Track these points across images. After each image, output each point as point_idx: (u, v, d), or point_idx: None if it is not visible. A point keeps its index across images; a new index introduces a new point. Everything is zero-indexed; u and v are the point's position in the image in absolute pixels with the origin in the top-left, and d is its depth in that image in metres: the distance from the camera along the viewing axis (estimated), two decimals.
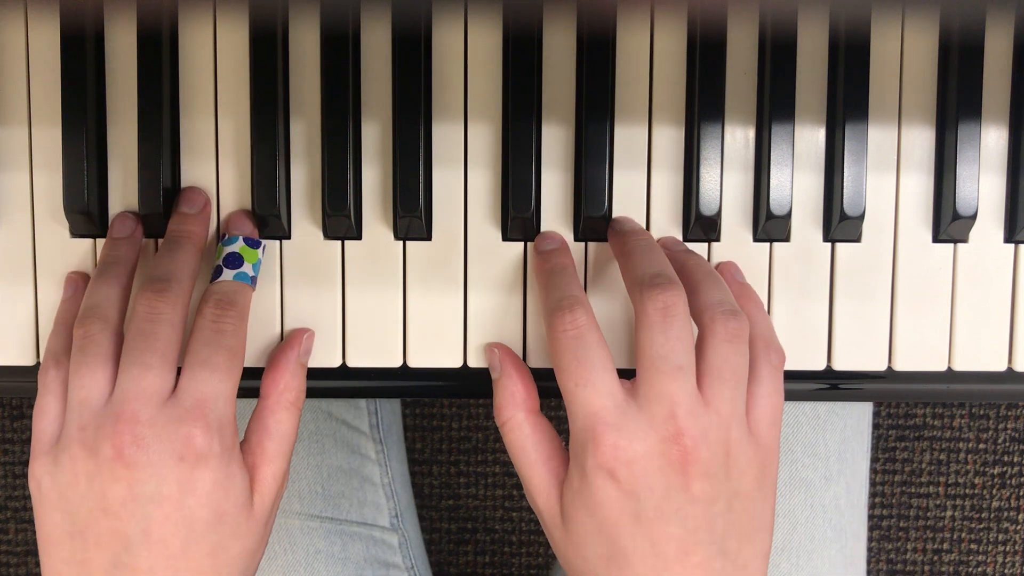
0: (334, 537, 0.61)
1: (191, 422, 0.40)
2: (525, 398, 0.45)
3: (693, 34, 0.46)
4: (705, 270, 0.45)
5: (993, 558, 1.22)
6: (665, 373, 0.41)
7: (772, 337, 0.45)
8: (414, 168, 0.45)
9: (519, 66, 0.46)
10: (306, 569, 0.60)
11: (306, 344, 0.46)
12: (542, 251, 0.46)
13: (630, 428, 0.41)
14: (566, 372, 0.42)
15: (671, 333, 0.41)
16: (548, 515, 0.44)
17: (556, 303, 0.43)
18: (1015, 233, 0.48)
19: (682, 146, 0.47)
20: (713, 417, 0.41)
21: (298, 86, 0.46)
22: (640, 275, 0.43)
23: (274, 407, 0.45)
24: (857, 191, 0.46)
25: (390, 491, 0.65)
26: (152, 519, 0.40)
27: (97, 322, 0.42)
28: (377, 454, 0.64)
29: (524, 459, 0.44)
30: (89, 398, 0.41)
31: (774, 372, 0.44)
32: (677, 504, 0.41)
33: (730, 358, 0.42)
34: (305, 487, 0.60)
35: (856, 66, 0.46)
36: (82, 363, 0.42)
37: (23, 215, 0.47)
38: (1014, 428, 1.19)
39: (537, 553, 1.20)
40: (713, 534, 0.41)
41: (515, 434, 0.45)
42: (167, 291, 0.42)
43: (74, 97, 0.45)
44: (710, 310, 0.43)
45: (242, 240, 0.45)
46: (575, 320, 0.42)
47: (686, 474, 0.41)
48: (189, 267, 0.44)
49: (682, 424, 0.41)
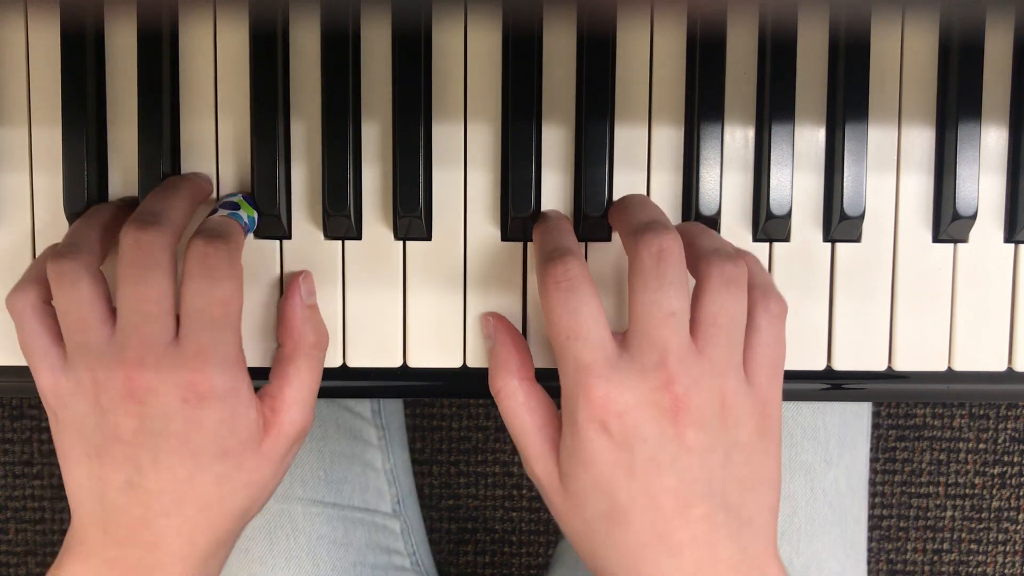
0: (336, 523, 0.61)
1: (192, 368, 0.41)
2: (519, 365, 0.44)
3: (693, 34, 0.46)
4: (701, 227, 0.45)
5: (993, 558, 1.22)
6: (657, 319, 0.40)
7: (771, 286, 0.44)
8: (414, 168, 0.45)
9: (519, 66, 0.46)
10: (308, 554, 0.60)
11: (306, 285, 0.46)
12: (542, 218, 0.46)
13: (620, 378, 0.40)
14: (557, 325, 0.41)
15: (665, 278, 0.40)
16: (546, 481, 0.43)
17: (548, 254, 0.42)
18: (1015, 233, 0.48)
19: (682, 146, 0.47)
20: (706, 365, 0.41)
21: (298, 86, 0.46)
22: (635, 223, 0.42)
23: (292, 354, 0.45)
24: (857, 191, 0.46)
25: (392, 477, 0.65)
26: (160, 450, 0.42)
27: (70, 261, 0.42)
28: (379, 440, 0.64)
29: (519, 426, 0.44)
30: (88, 341, 0.41)
31: (773, 321, 0.43)
32: (671, 454, 0.40)
33: (726, 304, 0.41)
34: (307, 472, 0.60)
35: (856, 66, 0.46)
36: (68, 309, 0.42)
37: (23, 215, 0.47)
38: (1014, 428, 1.19)
39: (537, 553, 1.20)
40: (711, 486, 0.41)
41: (509, 401, 0.44)
42: (155, 225, 0.41)
43: (74, 97, 0.45)
44: (707, 256, 0.42)
45: (242, 195, 0.45)
46: (568, 271, 0.41)
47: (678, 422, 0.40)
48: (181, 207, 0.43)
49: (673, 371, 0.40)
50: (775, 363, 0.43)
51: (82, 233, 0.43)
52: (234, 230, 0.43)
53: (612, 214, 0.46)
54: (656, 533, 0.40)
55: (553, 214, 0.46)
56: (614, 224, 0.46)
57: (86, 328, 0.42)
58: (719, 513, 0.41)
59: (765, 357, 0.42)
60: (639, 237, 0.41)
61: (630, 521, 0.41)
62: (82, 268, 0.42)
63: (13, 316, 0.43)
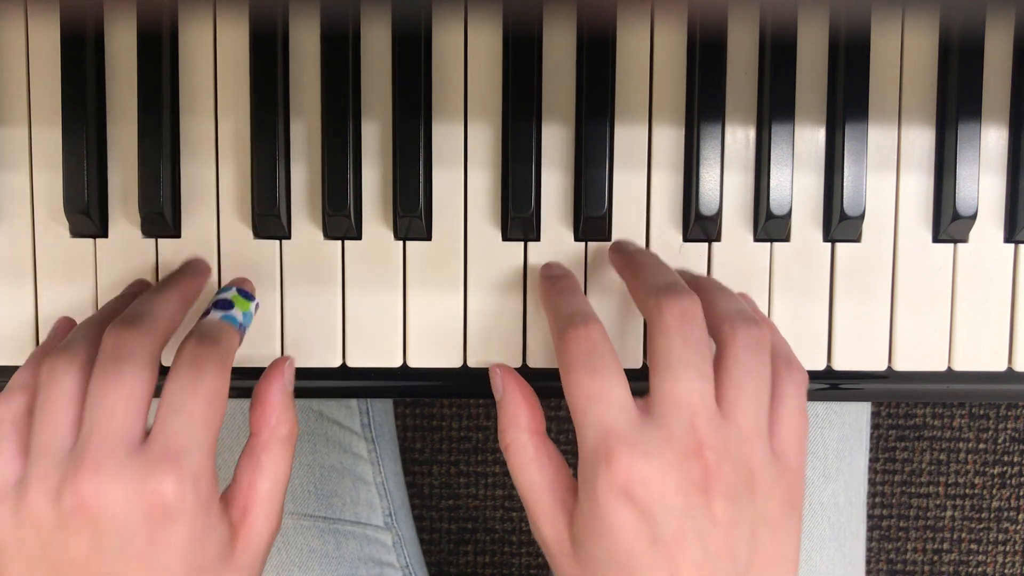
0: (328, 536, 0.61)
1: (161, 474, 0.37)
2: (529, 419, 0.43)
3: (693, 34, 0.46)
4: (718, 285, 0.44)
5: (993, 558, 1.22)
6: (685, 380, 0.38)
7: (792, 356, 0.43)
8: (414, 168, 0.45)
9: (519, 66, 0.46)
10: (300, 568, 0.60)
11: (289, 373, 0.43)
12: (549, 276, 0.45)
13: (646, 444, 0.38)
14: (576, 385, 0.40)
15: (690, 339, 0.39)
16: (555, 544, 0.41)
17: (568, 318, 0.41)
18: (1015, 233, 0.48)
19: (682, 146, 0.47)
20: (734, 432, 0.39)
21: (298, 86, 0.46)
22: (654, 284, 0.41)
23: (268, 443, 0.42)
24: (857, 191, 0.46)
25: (383, 490, 0.65)
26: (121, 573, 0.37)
27: (63, 357, 0.39)
28: (369, 453, 0.64)
29: (528, 483, 0.42)
30: (51, 443, 0.38)
31: (796, 391, 0.41)
32: (698, 526, 0.38)
33: (752, 368, 0.40)
34: (298, 486, 0.60)
35: (856, 66, 0.46)
36: (44, 404, 0.38)
37: (23, 215, 0.47)
38: (1014, 428, 1.19)
39: (537, 553, 1.20)
40: (735, 563, 0.38)
41: (518, 457, 0.42)
42: (135, 326, 0.39)
43: (74, 97, 0.45)
44: (729, 319, 0.41)
45: (235, 289, 0.44)
46: (589, 334, 0.40)
47: (708, 493, 0.38)
48: (169, 309, 0.41)
49: (703, 436, 0.38)
50: (801, 435, 0.41)
51: (81, 332, 0.41)
52: (227, 335, 0.41)
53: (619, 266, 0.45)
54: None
55: (558, 271, 0.46)
56: (622, 275, 0.45)
57: (53, 427, 0.38)
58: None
59: (792, 428, 0.41)
60: (662, 299, 0.40)
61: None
62: (73, 364, 0.39)
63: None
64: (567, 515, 0.41)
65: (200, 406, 0.38)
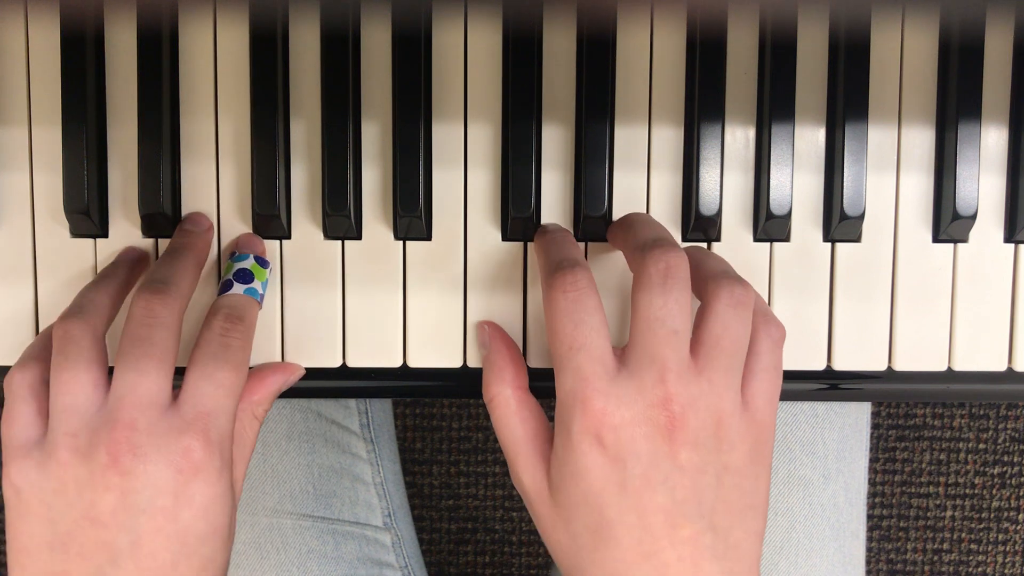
0: (326, 536, 0.61)
1: (192, 434, 0.39)
2: (513, 375, 0.45)
3: (693, 34, 0.46)
4: (706, 250, 0.45)
5: (993, 558, 1.22)
6: (660, 336, 0.40)
7: (771, 312, 0.44)
8: (414, 168, 0.45)
9: (519, 66, 0.46)
10: (299, 568, 0.60)
11: (293, 378, 0.46)
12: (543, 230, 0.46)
13: (618, 393, 0.40)
14: (560, 335, 0.41)
15: (671, 295, 0.40)
16: (534, 492, 0.43)
17: (556, 264, 0.42)
18: (1015, 233, 0.48)
19: (682, 146, 0.47)
20: (704, 385, 0.40)
21: (298, 86, 0.46)
22: (642, 239, 0.42)
23: (242, 414, 0.44)
24: (857, 191, 0.46)
25: (382, 490, 0.65)
26: (143, 530, 0.38)
27: (78, 323, 0.41)
28: (368, 453, 0.64)
29: (510, 435, 0.44)
30: (76, 404, 0.39)
31: (774, 347, 0.43)
32: (664, 472, 0.40)
33: (731, 325, 0.41)
34: (296, 487, 0.60)
35: (856, 66, 0.46)
36: (64, 367, 0.40)
37: (23, 215, 0.47)
38: (1014, 428, 1.19)
39: (537, 553, 1.20)
40: (702, 507, 0.40)
41: (501, 410, 0.44)
42: (165, 293, 0.41)
43: (74, 97, 0.45)
44: (715, 278, 0.42)
45: (253, 258, 0.45)
46: (576, 282, 0.41)
47: (673, 441, 0.40)
48: (189, 275, 0.43)
49: (671, 389, 0.40)
50: (773, 389, 0.43)
51: (89, 297, 0.43)
52: (251, 310, 0.44)
53: (613, 231, 0.46)
54: (642, 551, 0.40)
55: (553, 227, 0.46)
56: (615, 242, 0.45)
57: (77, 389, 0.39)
58: (706, 535, 0.40)
59: (764, 382, 0.42)
60: (646, 254, 0.41)
61: (617, 538, 0.40)
62: (88, 329, 0.41)
63: (7, 394, 0.41)
64: (545, 463, 0.43)
65: (228, 375, 0.41)
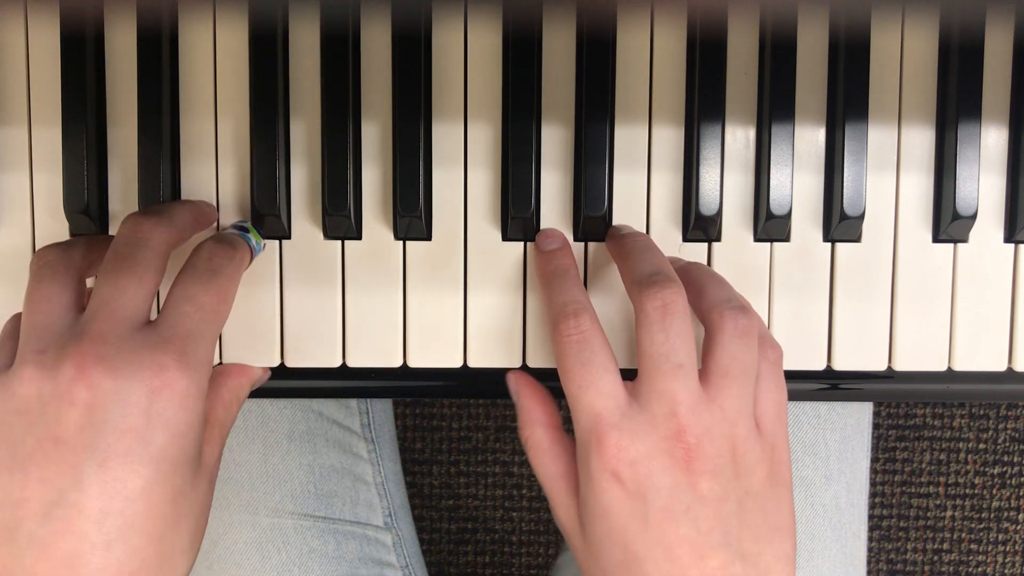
0: (328, 536, 0.61)
1: (166, 351, 0.37)
2: (542, 414, 0.45)
3: (693, 34, 0.46)
4: (708, 272, 0.45)
5: (993, 558, 1.22)
6: (665, 372, 0.41)
7: (767, 334, 0.45)
8: (414, 168, 0.45)
9: (519, 66, 0.46)
10: (300, 568, 0.60)
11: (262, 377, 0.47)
12: (544, 250, 0.46)
13: (632, 428, 0.40)
14: (569, 375, 0.42)
15: (671, 331, 0.41)
16: (569, 527, 0.44)
17: (560, 308, 0.43)
18: (1015, 233, 0.48)
19: (682, 146, 0.47)
20: (717, 413, 0.41)
21: (298, 86, 0.46)
22: (638, 274, 0.43)
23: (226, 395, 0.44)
24: (857, 191, 0.46)
25: (383, 490, 0.65)
26: (111, 451, 0.35)
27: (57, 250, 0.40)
28: (369, 453, 0.64)
29: (544, 473, 0.44)
30: (48, 322, 0.37)
31: (772, 368, 0.43)
32: (685, 504, 0.40)
33: (739, 355, 0.42)
34: (297, 487, 0.60)
35: (856, 66, 0.46)
36: (37, 288, 0.39)
37: (23, 215, 0.47)
38: (1014, 428, 1.19)
39: (537, 553, 1.20)
40: (728, 536, 0.40)
41: (536, 450, 0.45)
42: (157, 218, 0.40)
43: (74, 97, 0.45)
44: (718, 307, 0.42)
45: (251, 223, 0.46)
46: (579, 325, 0.42)
47: (691, 472, 0.40)
48: (186, 216, 0.43)
49: (684, 421, 0.40)
50: (778, 408, 0.43)
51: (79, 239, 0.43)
52: (242, 247, 0.44)
53: (612, 250, 0.46)
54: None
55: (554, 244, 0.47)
56: (616, 262, 0.46)
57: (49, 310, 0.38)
58: (736, 564, 0.40)
59: (769, 402, 0.43)
60: (644, 292, 0.42)
61: (646, 572, 0.40)
62: (65, 259, 0.40)
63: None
64: (578, 499, 0.43)
65: (211, 299, 0.39)
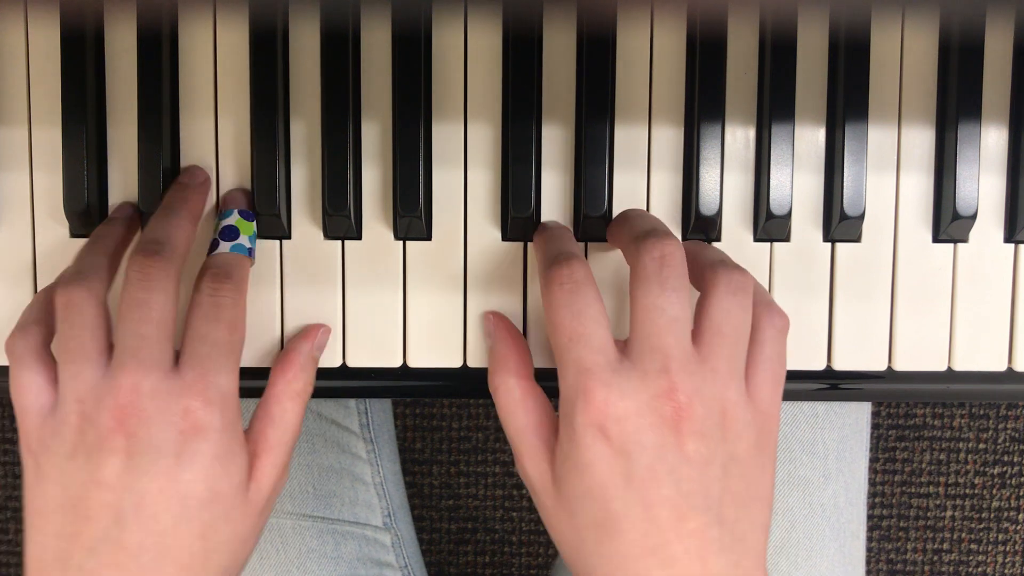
0: (326, 536, 0.61)
1: (191, 395, 0.40)
2: (517, 364, 0.44)
3: (693, 34, 0.46)
4: (703, 243, 0.45)
5: (993, 558, 1.22)
6: (660, 325, 0.40)
7: (773, 302, 0.44)
8: (414, 168, 0.45)
9: (519, 66, 0.46)
10: (299, 568, 0.60)
11: (321, 339, 0.46)
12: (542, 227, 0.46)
13: (621, 384, 0.39)
14: (559, 327, 0.41)
15: (667, 284, 0.40)
16: (538, 482, 0.42)
17: (553, 257, 0.42)
18: (1015, 233, 0.48)
19: (682, 146, 0.47)
20: (708, 373, 0.40)
21: (298, 86, 0.46)
22: (636, 231, 0.42)
23: (280, 395, 0.44)
24: (857, 191, 0.46)
25: (382, 490, 0.65)
26: (146, 492, 0.39)
27: (79, 289, 0.41)
28: (368, 453, 0.64)
29: (514, 425, 0.43)
30: (82, 372, 0.40)
31: (777, 335, 0.42)
32: (670, 464, 0.39)
33: (732, 311, 0.41)
34: (296, 487, 0.60)
35: (856, 66, 0.46)
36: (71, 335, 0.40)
37: (23, 215, 0.47)
38: (1014, 428, 1.19)
39: (537, 553, 1.20)
40: (708, 499, 0.40)
41: (505, 399, 0.44)
42: (159, 254, 0.41)
43: (74, 97, 0.45)
44: (712, 266, 0.42)
45: (237, 213, 0.45)
46: (572, 273, 0.41)
47: (679, 432, 0.39)
48: (184, 233, 0.43)
49: (675, 379, 0.39)
50: (777, 379, 0.42)
51: (89, 261, 0.43)
52: (239, 266, 0.43)
53: (611, 229, 0.46)
54: (648, 545, 0.39)
55: (552, 223, 0.47)
56: (613, 239, 0.45)
57: (84, 356, 0.40)
58: (713, 527, 0.40)
59: (767, 372, 0.42)
60: (641, 243, 0.41)
61: (622, 531, 0.40)
62: (91, 296, 0.41)
63: (11, 359, 0.42)
64: (550, 453, 0.42)
65: (223, 334, 0.41)
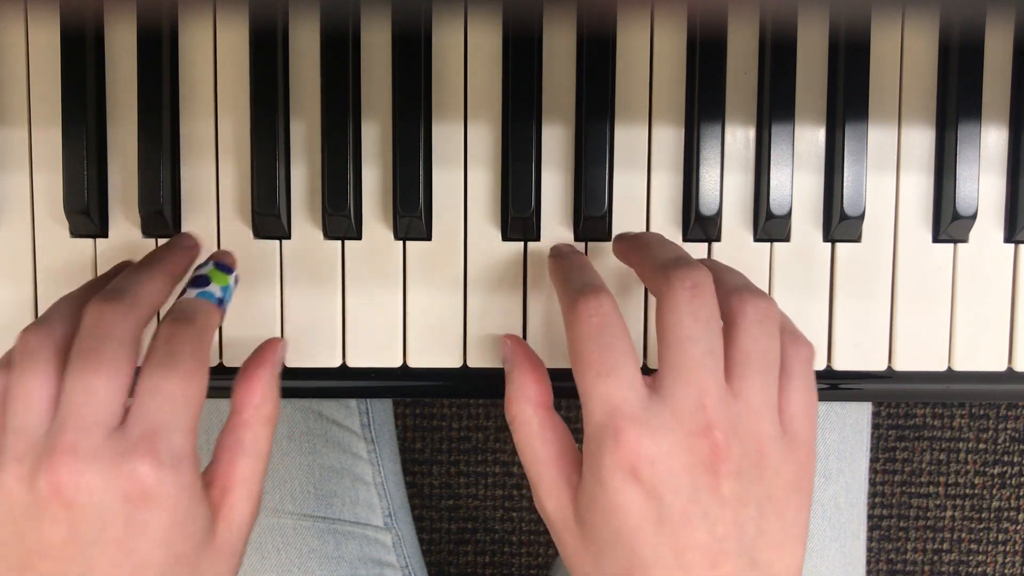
0: (327, 536, 0.61)
1: (138, 456, 0.36)
2: (536, 392, 0.42)
3: (693, 34, 0.46)
4: (724, 265, 0.43)
5: (993, 558, 1.22)
6: (694, 359, 0.37)
7: (797, 330, 0.42)
8: (414, 168, 0.45)
9: (519, 66, 0.46)
10: (300, 568, 0.60)
11: (280, 355, 0.43)
12: (558, 254, 0.45)
13: (653, 422, 0.37)
14: (587, 362, 0.38)
15: (700, 314, 0.38)
16: (559, 520, 0.40)
17: (579, 289, 0.40)
18: (1015, 233, 0.48)
19: (682, 146, 0.47)
20: (742, 407, 0.38)
21: (298, 86, 0.46)
22: (663, 259, 0.40)
23: (250, 422, 0.41)
24: (857, 191, 0.46)
25: (383, 490, 0.65)
26: (96, 563, 0.36)
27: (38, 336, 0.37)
28: (369, 453, 0.64)
29: (532, 457, 0.41)
30: (25, 425, 0.36)
31: (805, 365, 0.40)
32: (704, 507, 0.37)
33: (760, 340, 0.39)
34: (297, 487, 0.60)
35: (856, 66, 0.46)
36: (18, 382, 0.37)
37: (23, 215, 0.47)
38: (1014, 428, 1.19)
39: (537, 553, 1.20)
40: (743, 543, 0.38)
41: (524, 430, 0.41)
42: (119, 302, 0.38)
43: (74, 97, 0.45)
44: (737, 293, 0.39)
45: (214, 264, 0.43)
46: (600, 306, 0.39)
47: (716, 473, 0.37)
48: (153, 286, 0.40)
49: (712, 416, 0.37)
50: (810, 409, 0.40)
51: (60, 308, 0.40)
52: (203, 312, 0.40)
53: (623, 249, 0.44)
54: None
55: (568, 249, 0.45)
56: (625, 258, 0.44)
57: (28, 409, 0.36)
58: (747, 572, 0.38)
59: (800, 403, 0.40)
60: (671, 273, 0.39)
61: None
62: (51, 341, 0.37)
63: None
64: (571, 490, 0.40)
65: (177, 386, 0.37)
